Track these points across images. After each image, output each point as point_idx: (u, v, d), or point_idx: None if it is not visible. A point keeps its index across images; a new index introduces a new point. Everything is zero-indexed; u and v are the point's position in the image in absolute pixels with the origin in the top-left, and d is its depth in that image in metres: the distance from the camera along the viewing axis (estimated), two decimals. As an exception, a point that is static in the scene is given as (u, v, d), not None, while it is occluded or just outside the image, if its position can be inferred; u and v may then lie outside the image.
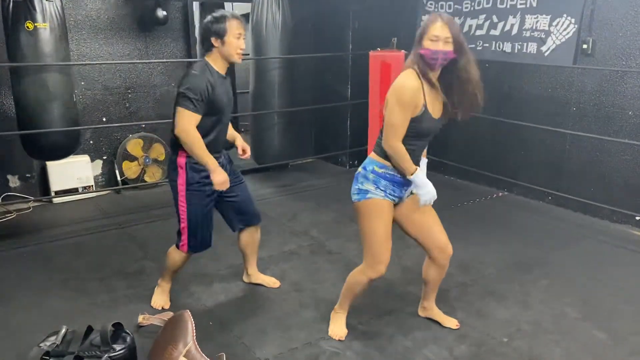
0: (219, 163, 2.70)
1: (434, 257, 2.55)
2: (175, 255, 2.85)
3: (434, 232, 2.53)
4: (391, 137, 2.30)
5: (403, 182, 2.41)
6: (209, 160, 2.58)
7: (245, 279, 3.22)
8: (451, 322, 2.73)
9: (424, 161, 2.54)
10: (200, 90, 2.51)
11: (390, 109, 2.28)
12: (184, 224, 2.73)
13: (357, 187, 2.43)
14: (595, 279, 3.26)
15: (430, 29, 2.21)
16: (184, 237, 2.76)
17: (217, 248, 3.64)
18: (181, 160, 2.64)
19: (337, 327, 2.70)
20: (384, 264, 2.46)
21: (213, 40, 2.59)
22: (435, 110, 2.34)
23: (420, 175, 2.34)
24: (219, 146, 2.74)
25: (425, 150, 2.55)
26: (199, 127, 2.57)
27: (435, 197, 2.40)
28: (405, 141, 2.32)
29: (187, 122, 2.53)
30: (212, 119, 2.62)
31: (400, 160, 2.32)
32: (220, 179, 2.61)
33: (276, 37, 4.86)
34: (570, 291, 3.10)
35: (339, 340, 2.65)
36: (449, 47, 2.21)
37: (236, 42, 2.59)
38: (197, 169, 2.63)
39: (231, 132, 2.93)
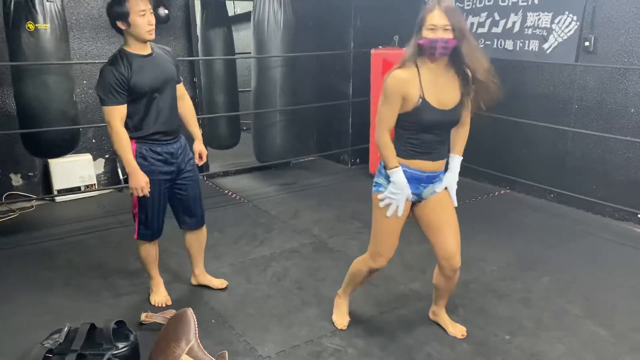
0: (173, 148, 2.67)
1: (440, 265, 2.48)
2: (139, 247, 2.86)
3: (443, 238, 2.41)
4: (378, 128, 2.29)
5: (418, 178, 2.34)
6: (129, 161, 2.54)
7: (192, 281, 3.14)
8: (457, 331, 2.65)
9: (455, 159, 2.45)
10: (110, 81, 2.47)
11: (380, 100, 2.28)
12: (135, 210, 2.74)
13: (375, 179, 2.43)
14: (597, 276, 3.25)
15: (427, 17, 2.16)
16: (135, 223, 2.77)
17: (218, 246, 3.66)
18: (132, 147, 2.61)
19: (339, 316, 2.74)
20: (385, 257, 2.46)
21: (119, 24, 2.53)
22: (442, 101, 2.26)
23: (398, 173, 2.29)
24: (165, 127, 2.65)
25: (458, 147, 2.48)
26: (133, 113, 2.55)
27: (400, 204, 2.33)
28: (409, 134, 2.29)
29: (111, 117, 2.51)
30: (142, 102, 2.57)
31: (384, 152, 2.30)
32: (134, 184, 2.56)
33: (278, 35, 4.86)
34: (572, 288, 3.10)
35: (341, 329, 2.68)
36: (449, 35, 2.14)
37: (141, 20, 2.49)
38: (145, 156, 2.62)
39: (194, 130, 2.86)
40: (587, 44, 4.08)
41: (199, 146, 2.89)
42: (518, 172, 4.71)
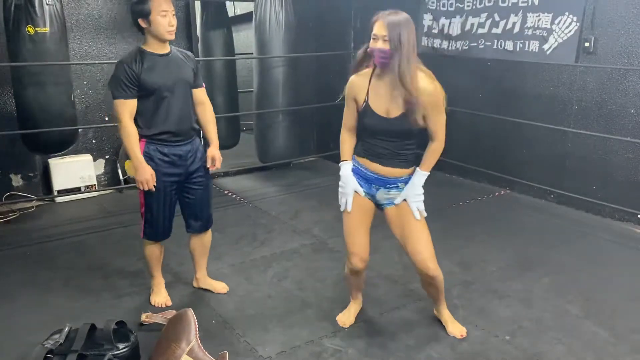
0: (181, 151, 2.68)
1: (417, 271, 2.51)
2: (144, 246, 2.88)
3: (411, 248, 2.44)
4: (342, 126, 2.51)
5: (367, 177, 2.43)
6: (136, 154, 2.58)
7: (194, 283, 3.14)
8: (456, 331, 2.65)
9: (417, 174, 2.40)
10: (120, 75, 2.53)
11: None
12: (142, 209, 2.77)
13: None
14: (597, 276, 3.26)
15: (374, 27, 2.24)
16: (142, 222, 2.80)
17: (218, 247, 3.66)
18: (140, 145, 2.63)
19: (344, 315, 2.77)
20: (357, 256, 2.50)
21: (140, 22, 2.57)
22: (387, 109, 2.29)
23: (343, 166, 2.49)
24: (173, 128, 2.65)
25: (425, 161, 2.40)
26: (142, 111, 2.59)
27: (348, 197, 2.46)
28: (362, 135, 2.45)
29: (120, 111, 2.57)
30: (152, 99, 2.60)
31: (341, 148, 2.51)
32: (140, 177, 2.60)
33: (279, 36, 4.86)
34: (572, 289, 3.10)
35: (342, 326, 2.70)
36: (387, 46, 2.19)
37: (163, 20, 2.54)
38: (152, 157, 2.63)
39: (211, 136, 2.86)
40: (587, 44, 4.08)
41: (212, 151, 2.85)
42: (518, 173, 4.72)
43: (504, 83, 4.75)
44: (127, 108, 2.56)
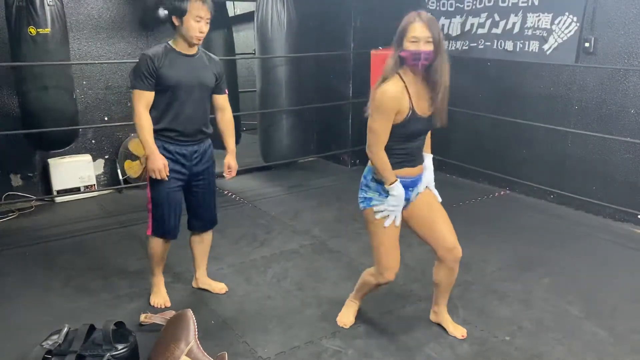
0: (187, 151, 2.69)
1: (442, 257, 2.48)
2: (150, 242, 2.86)
3: (440, 231, 2.45)
4: (373, 144, 2.29)
5: (406, 185, 2.37)
6: (148, 144, 2.60)
7: (193, 283, 3.14)
8: (457, 332, 2.65)
9: (428, 157, 2.48)
10: (142, 66, 2.56)
11: (372, 116, 2.27)
12: (149, 205, 2.77)
13: (362, 195, 2.43)
14: (597, 277, 3.25)
15: (409, 29, 2.18)
16: (149, 219, 2.79)
17: (218, 247, 3.65)
18: None
19: (344, 315, 2.76)
20: (392, 271, 2.47)
21: (174, 18, 2.59)
22: (423, 109, 2.30)
23: (399, 187, 2.31)
24: (182, 127, 2.67)
25: (428, 146, 2.50)
26: (157, 103, 2.61)
27: (398, 214, 2.36)
28: (397, 145, 2.31)
29: (137, 101, 2.59)
30: (165, 96, 2.62)
31: (381, 169, 2.30)
32: (152, 165, 2.61)
33: (281, 36, 4.85)
34: (572, 289, 3.09)
35: (342, 327, 2.70)
36: (430, 47, 2.18)
37: (195, 25, 2.56)
38: (161, 152, 2.64)
39: (229, 144, 2.89)
40: (587, 44, 4.08)
41: (229, 159, 2.90)
42: (518, 173, 4.71)
43: (503, 83, 4.75)
44: (144, 99, 2.59)
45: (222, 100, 2.87)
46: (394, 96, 2.23)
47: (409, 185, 2.40)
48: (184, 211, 2.88)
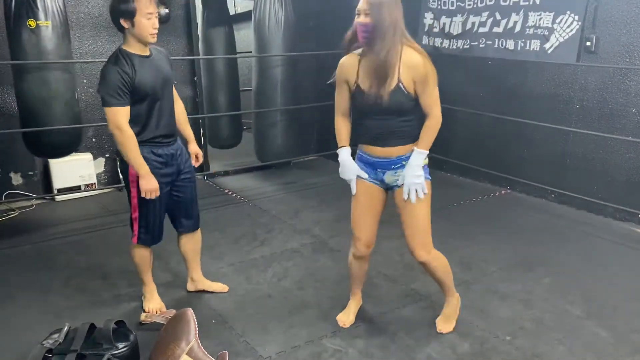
0: (172, 150, 2.66)
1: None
2: (134, 252, 2.78)
3: (405, 233, 2.48)
4: (335, 112, 2.45)
5: (371, 163, 2.40)
6: (141, 165, 2.51)
7: (190, 287, 3.06)
8: (444, 328, 2.66)
9: (415, 153, 2.33)
10: (114, 81, 2.42)
11: None
12: (135, 214, 2.67)
13: None
14: (598, 276, 3.25)
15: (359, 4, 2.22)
16: (135, 228, 2.70)
17: (218, 246, 3.66)
18: None
19: (344, 314, 2.77)
20: (362, 242, 2.54)
21: (123, 22, 2.45)
22: (369, 86, 2.27)
23: (341, 153, 2.45)
24: (165, 130, 2.63)
25: (423, 142, 2.34)
26: (134, 117, 2.51)
27: (352, 182, 2.45)
28: (356, 118, 2.40)
29: (119, 119, 2.45)
30: (144, 105, 2.53)
31: (336, 134, 2.46)
32: (147, 186, 2.52)
33: (279, 35, 4.85)
34: (573, 289, 3.09)
35: (342, 326, 2.70)
36: (367, 20, 2.18)
37: (147, 23, 2.45)
38: (147, 159, 2.56)
39: (188, 133, 2.86)
40: (588, 44, 4.07)
41: (194, 148, 2.88)
42: (519, 172, 4.71)
43: (505, 82, 4.74)
44: (125, 115, 2.47)
45: (175, 91, 2.80)
46: (341, 65, 2.36)
47: (377, 165, 2.40)
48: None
